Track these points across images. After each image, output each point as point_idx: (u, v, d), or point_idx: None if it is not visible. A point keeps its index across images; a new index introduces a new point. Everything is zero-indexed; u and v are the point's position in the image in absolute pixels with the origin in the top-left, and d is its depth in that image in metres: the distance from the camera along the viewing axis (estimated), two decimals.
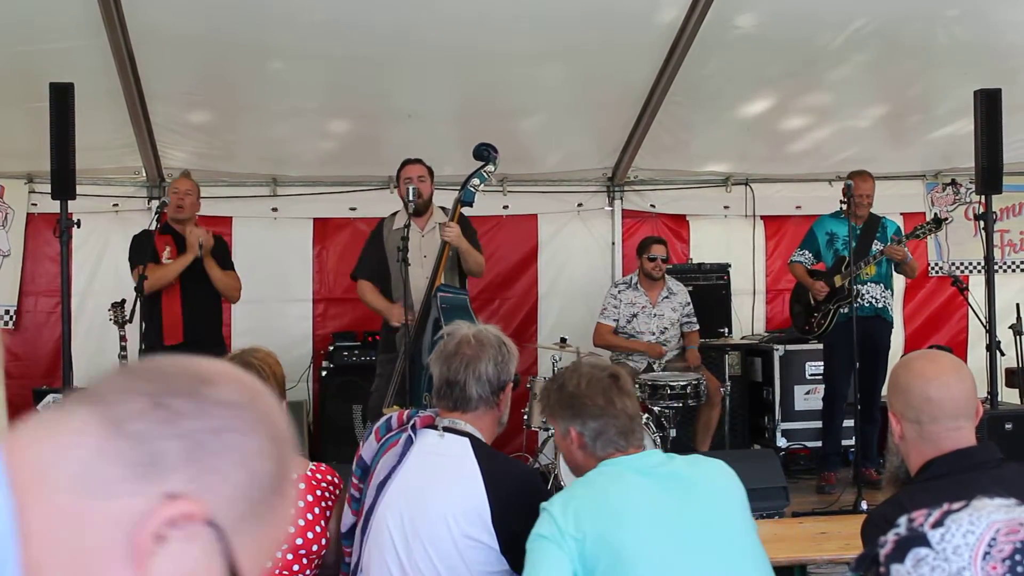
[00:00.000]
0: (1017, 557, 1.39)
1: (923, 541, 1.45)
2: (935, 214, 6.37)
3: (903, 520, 1.50)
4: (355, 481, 2.90)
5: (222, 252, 6.30)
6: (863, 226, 6.62)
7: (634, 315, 7.02)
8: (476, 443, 2.73)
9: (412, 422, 2.82)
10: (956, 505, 1.48)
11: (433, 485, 2.67)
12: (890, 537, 1.49)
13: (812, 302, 6.83)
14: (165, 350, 5.93)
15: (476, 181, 5.57)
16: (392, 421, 2.92)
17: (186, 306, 6.06)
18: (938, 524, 1.45)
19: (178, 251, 6.03)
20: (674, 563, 2.32)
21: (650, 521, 2.36)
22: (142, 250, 6.04)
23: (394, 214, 6.04)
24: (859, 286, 6.41)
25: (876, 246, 6.57)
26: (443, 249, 5.56)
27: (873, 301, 6.54)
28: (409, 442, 2.78)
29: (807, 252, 6.97)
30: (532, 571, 2.36)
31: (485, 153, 5.58)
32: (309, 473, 2.96)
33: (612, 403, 2.57)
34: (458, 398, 2.79)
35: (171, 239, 6.03)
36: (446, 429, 2.78)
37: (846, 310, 6.54)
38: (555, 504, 2.42)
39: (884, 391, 4.74)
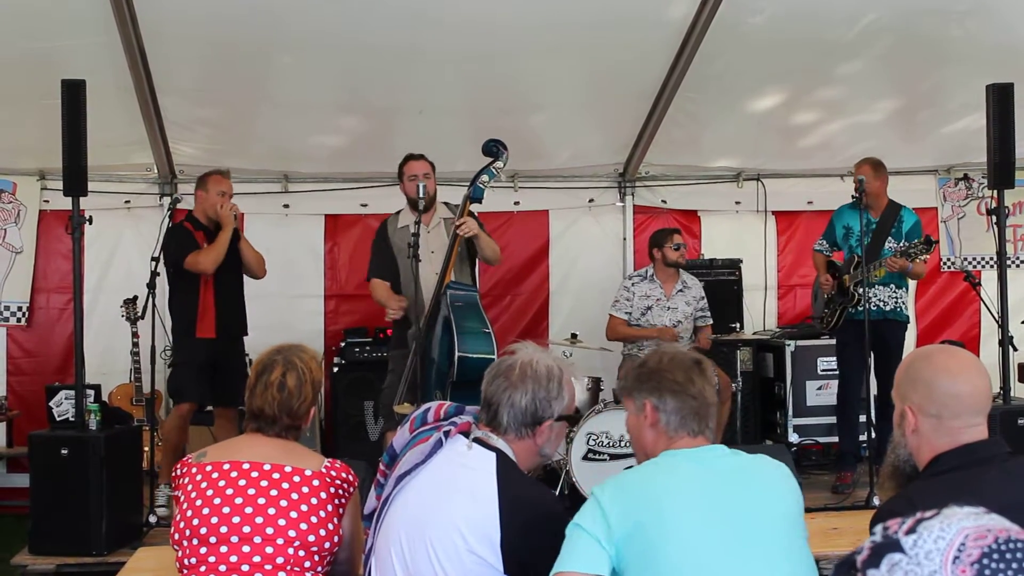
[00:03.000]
0: (985, 561, 1.47)
1: (897, 547, 1.53)
2: (927, 236, 6.34)
3: (878, 528, 1.58)
4: (382, 467, 2.90)
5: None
6: (879, 219, 6.53)
7: (648, 307, 7.01)
8: (502, 461, 2.70)
9: (447, 427, 2.80)
10: (928, 513, 1.57)
11: (449, 493, 2.65)
12: (866, 544, 1.57)
13: (827, 296, 6.81)
14: (196, 344, 5.98)
15: (485, 177, 5.48)
16: (429, 415, 2.90)
17: (218, 300, 6.10)
18: (911, 531, 1.53)
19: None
20: (709, 556, 2.29)
21: (692, 512, 2.32)
22: (186, 241, 6.10)
23: (397, 213, 6.02)
24: (867, 289, 6.37)
25: (890, 244, 6.46)
26: (452, 245, 5.52)
27: (881, 304, 6.43)
28: (438, 444, 2.77)
29: (825, 242, 6.96)
30: (565, 562, 2.31)
31: (494, 149, 5.51)
32: (323, 470, 2.94)
33: (692, 381, 2.55)
34: (491, 418, 2.79)
35: (202, 234, 6.13)
36: (477, 440, 2.75)
37: (853, 310, 6.52)
38: (606, 492, 2.38)
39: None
